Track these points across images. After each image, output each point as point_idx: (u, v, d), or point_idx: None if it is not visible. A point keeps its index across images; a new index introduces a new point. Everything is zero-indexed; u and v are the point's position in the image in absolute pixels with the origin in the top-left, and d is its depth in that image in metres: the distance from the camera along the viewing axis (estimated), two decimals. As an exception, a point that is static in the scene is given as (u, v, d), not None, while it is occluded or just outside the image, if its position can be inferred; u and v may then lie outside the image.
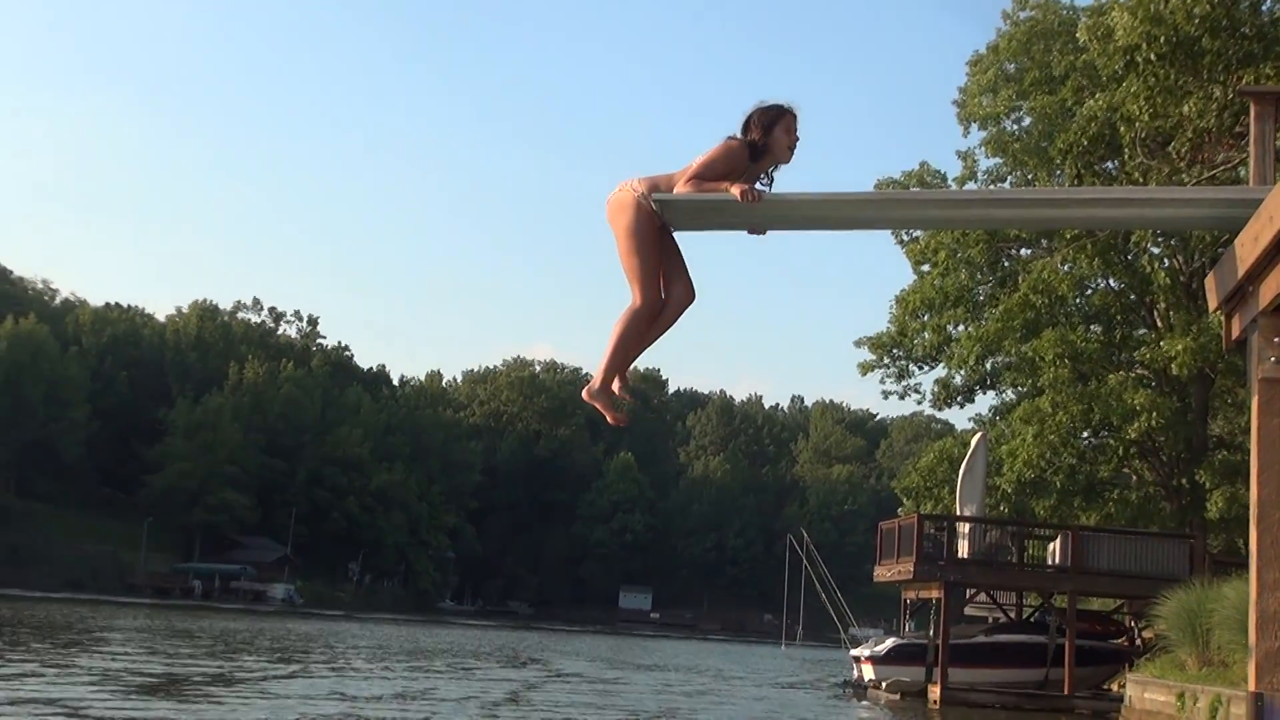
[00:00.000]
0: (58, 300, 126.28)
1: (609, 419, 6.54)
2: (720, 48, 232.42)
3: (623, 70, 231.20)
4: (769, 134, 5.91)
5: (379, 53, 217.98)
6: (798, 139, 5.94)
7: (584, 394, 6.32)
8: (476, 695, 22.19)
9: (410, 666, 30.18)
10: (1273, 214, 5.93)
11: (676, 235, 6.00)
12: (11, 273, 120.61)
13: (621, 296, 6.06)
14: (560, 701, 22.41)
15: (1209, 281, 7.31)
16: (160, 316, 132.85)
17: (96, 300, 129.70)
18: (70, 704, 15.05)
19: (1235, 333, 7.01)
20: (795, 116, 5.96)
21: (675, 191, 5.80)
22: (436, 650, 40.77)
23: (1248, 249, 6.33)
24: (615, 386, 6.26)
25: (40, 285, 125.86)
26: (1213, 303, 7.30)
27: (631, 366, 6.42)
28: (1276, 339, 6.35)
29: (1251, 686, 6.90)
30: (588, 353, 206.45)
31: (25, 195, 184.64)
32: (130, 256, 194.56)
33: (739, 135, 5.96)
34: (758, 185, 5.86)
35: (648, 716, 20.77)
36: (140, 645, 30.84)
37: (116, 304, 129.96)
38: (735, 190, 5.68)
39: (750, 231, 6.15)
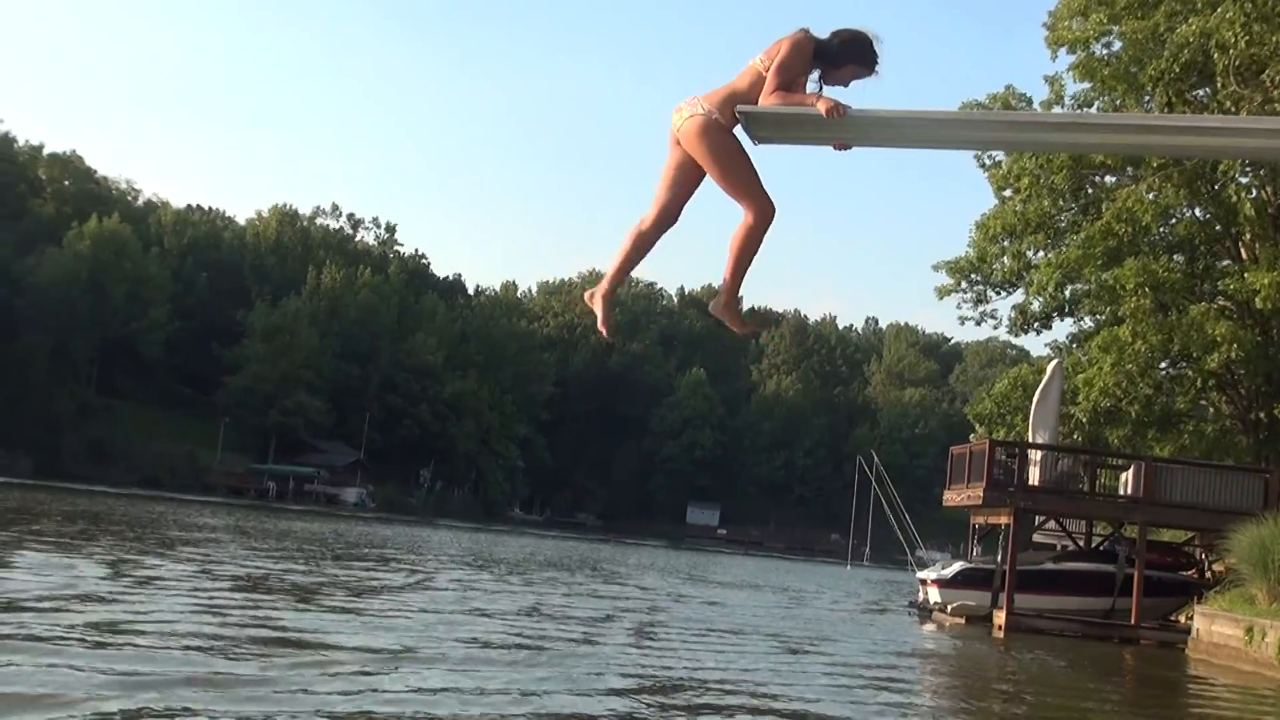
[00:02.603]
0: (141, 200, 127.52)
1: (738, 331, 6.43)
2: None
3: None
4: (840, 59, 5.81)
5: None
6: (875, 73, 5.84)
7: (711, 308, 6.23)
8: (614, 614, 22.46)
9: (523, 579, 30.55)
10: (1367, 145, 5.83)
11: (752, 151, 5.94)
12: (96, 172, 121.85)
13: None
14: (694, 618, 22.82)
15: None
16: (241, 220, 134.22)
17: (179, 202, 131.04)
18: (228, 609, 15.44)
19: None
20: (874, 50, 5.85)
21: (763, 102, 5.73)
22: (530, 562, 41.26)
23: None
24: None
25: (124, 185, 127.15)
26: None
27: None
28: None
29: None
30: (664, 269, 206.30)
31: (110, 98, 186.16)
32: (213, 159, 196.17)
33: (807, 30, 5.84)
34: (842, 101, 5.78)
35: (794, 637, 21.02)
36: (245, 545, 31.50)
37: (198, 206, 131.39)
38: (821, 106, 5.61)
39: (836, 147, 6.10)
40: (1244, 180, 33.59)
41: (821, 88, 5.84)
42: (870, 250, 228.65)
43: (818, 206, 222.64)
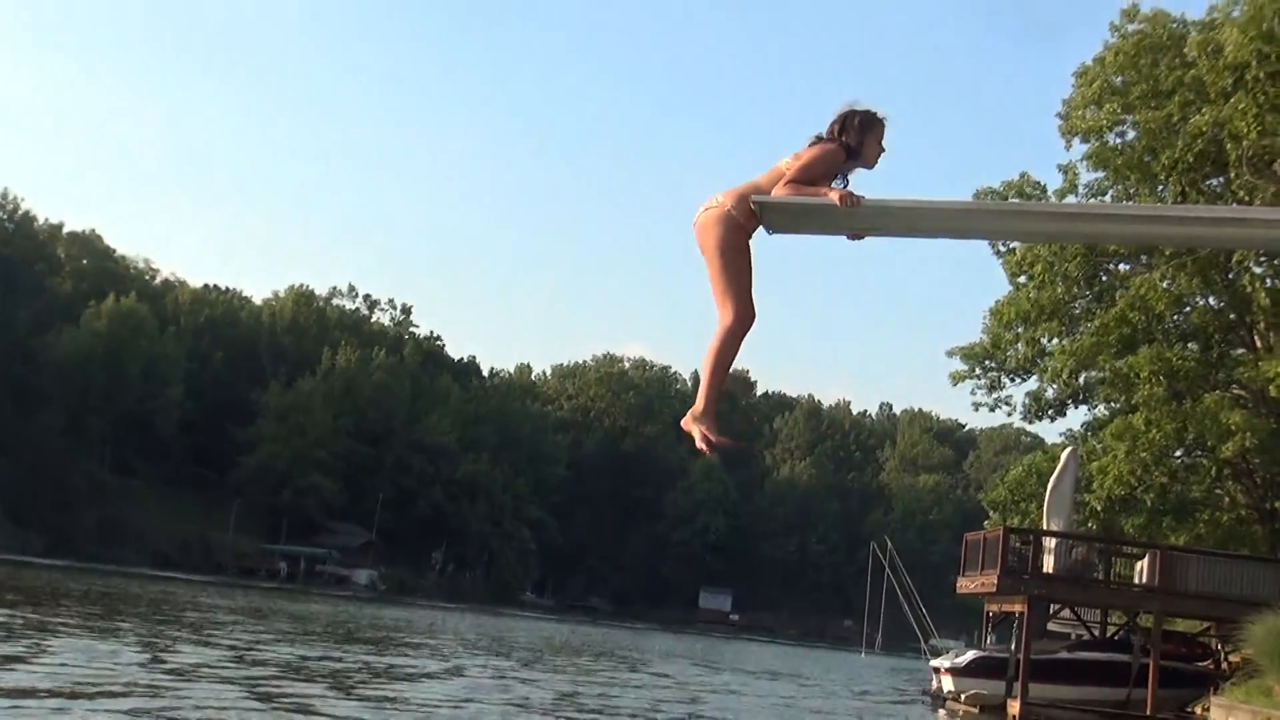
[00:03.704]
0: (158, 280, 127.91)
1: (713, 442, 6.36)
2: (815, 46, 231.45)
3: (717, 73, 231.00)
4: (863, 139, 5.94)
5: (481, 49, 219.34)
6: (884, 149, 5.97)
7: (687, 418, 6.20)
8: (655, 704, 22.52)
9: (550, 667, 30.55)
10: (1378, 238, 5.87)
11: (769, 243, 6.01)
12: (115, 251, 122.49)
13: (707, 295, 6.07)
14: (729, 707, 22.74)
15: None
16: (257, 300, 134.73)
17: (195, 281, 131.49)
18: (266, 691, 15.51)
19: (1336, 356, 6.94)
20: (883, 124, 5.99)
21: (776, 193, 5.81)
22: (551, 648, 41.23)
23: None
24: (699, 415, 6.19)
25: (142, 264, 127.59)
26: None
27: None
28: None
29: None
30: (679, 353, 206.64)
31: (131, 177, 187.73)
32: (230, 240, 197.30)
33: (827, 135, 5.97)
34: (842, 185, 5.87)
35: None
36: (270, 629, 31.52)
37: (215, 286, 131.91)
38: (834, 195, 5.68)
39: (850, 237, 6.16)
40: (1258, 270, 33.64)
41: (847, 182, 5.93)
42: (884, 336, 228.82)
43: (831, 291, 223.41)
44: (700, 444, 6.09)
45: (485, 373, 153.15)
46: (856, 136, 5.95)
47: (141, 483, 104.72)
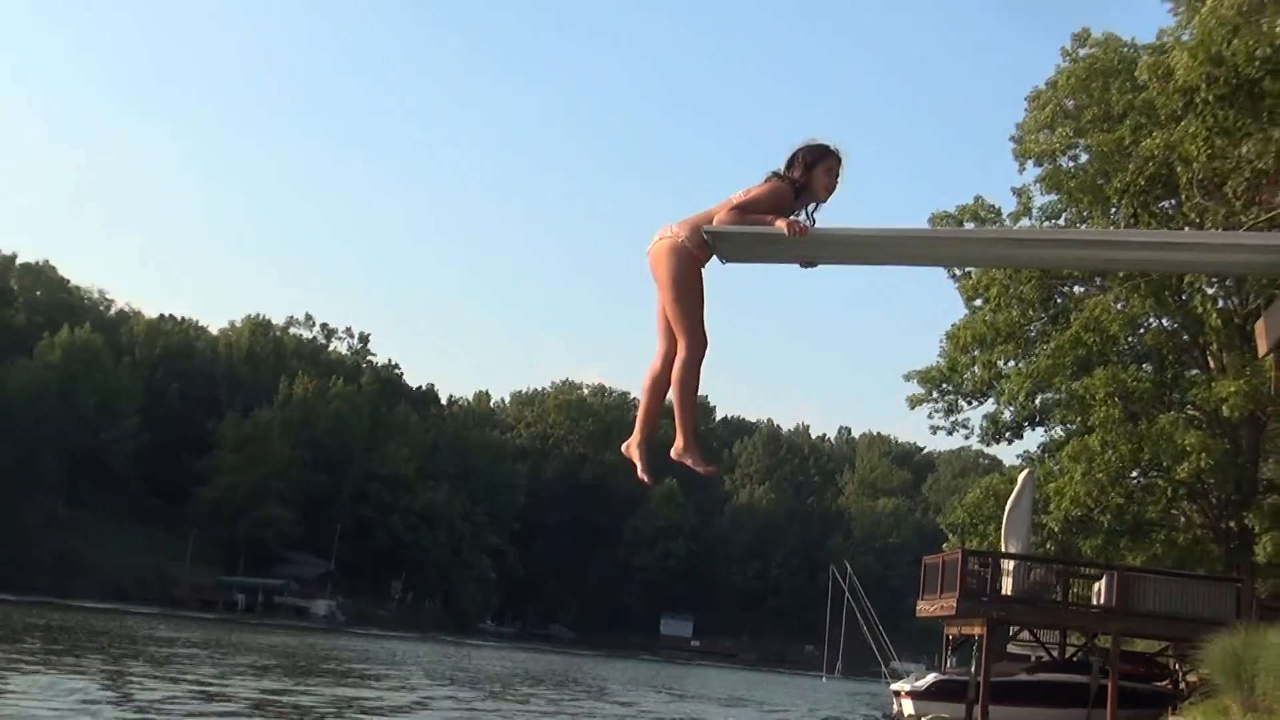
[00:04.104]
0: (113, 310, 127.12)
1: (702, 471, 6.47)
2: (776, 78, 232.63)
3: (672, 103, 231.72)
4: (809, 173, 5.99)
5: (437, 80, 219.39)
6: (837, 182, 6.02)
7: (673, 455, 6.31)
8: None
9: (518, 697, 30.42)
10: (1324, 262, 5.93)
11: (722, 271, 6.05)
12: (69, 282, 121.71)
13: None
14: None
15: (1258, 327, 7.33)
16: (213, 329, 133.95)
17: (151, 312, 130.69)
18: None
19: (1284, 378, 7.00)
20: (839, 159, 6.03)
21: (719, 220, 5.87)
22: (517, 677, 41.09)
23: (1298, 295, 6.33)
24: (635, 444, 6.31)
25: (96, 295, 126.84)
26: (1262, 348, 7.32)
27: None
28: (1325, 386, 6.34)
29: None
30: (638, 378, 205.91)
31: (85, 206, 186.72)
32: (185, 269, 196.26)
33: (782, 171, 6.03)
34: (802, 218, 5.93)
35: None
36: (233, 663, 31.27)
37: (170, 316, 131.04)
38: (781, 224, 5.75)
39: (802, 265, 6.19)
40: (1210, 290, 33.94)
41: (812, 219, 5.99)
42: (842, 360, 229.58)
43: (789, 316, 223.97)
44: (642, 474, 6.16)
45: (444, 401, 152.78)
46: (802, 172, 6.01)
47: (97, 516, 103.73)
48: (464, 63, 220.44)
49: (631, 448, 6.36)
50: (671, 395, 6.07)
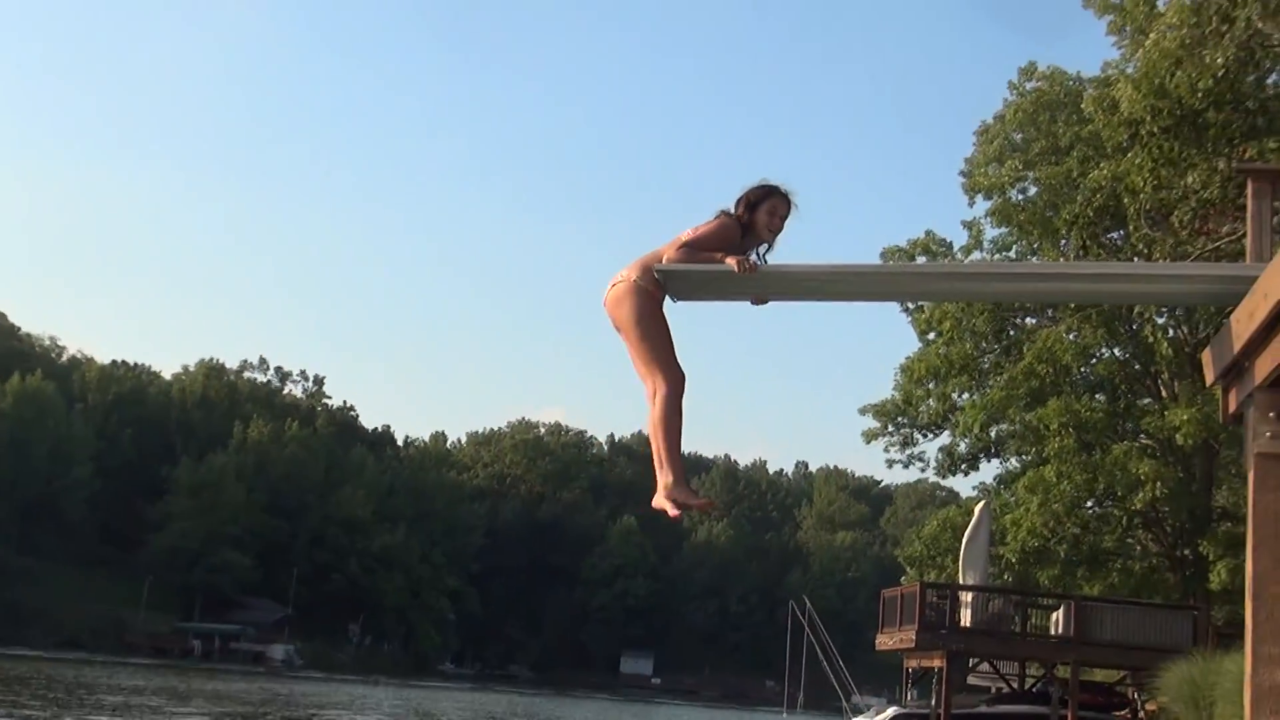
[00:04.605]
0: (65, 357, 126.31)
1: (696, 506, 6.25)
2: (730, 116, 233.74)
3: (628, 143, 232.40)
4: (753, 212, 6.03)
5: (389, 122, 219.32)
6: (781, 222, 6.03)
7: (664, 497, 6.09)
8: None
9: None
10: (1267, 291, 6.00)
11: (676, 309, 6.08)
12: (19, 329, 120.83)
13: (626, 359, 6.05)
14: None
15: (1206, 356, 7.38)
16: (166, 375, 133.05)
17: (103, 358, 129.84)
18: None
19: (1232, 407, 7.06)
20: (785, 199, 6.06)
21: (667, 259, 5.90)
22: (484, 719, 40.83)
23: (1243, 325, 6.40)
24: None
25: (48, 342, 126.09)
26: (1210, 377, 7.37)
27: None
28: (1271, 414, 6.41)
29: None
30: (595, 417, 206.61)
31: (35, 253, 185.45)
32: (138, 315, 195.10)
33: (731, 210, 6.07)
34: (753, 257, 5.96)
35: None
36: (193, 710, 30.95)
37: (123, 362, 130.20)
38: (731, 261, 5.78)
39: (753, 302, 6.23)
40: (1160, 320, 34.24)
41: (764, 260, 6.02)
42: (798, 395, 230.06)
43: (745, 352, 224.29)
44: (695, 502, 6.03)
45: (400, 442, 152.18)
46: (745, 210, 6.05)
47: (49, 564, 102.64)
48: (415, 105, 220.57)
49: (661, 495, 6.12)
50: (653, 434, 6.04)
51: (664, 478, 5.99)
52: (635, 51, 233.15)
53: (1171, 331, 34.26)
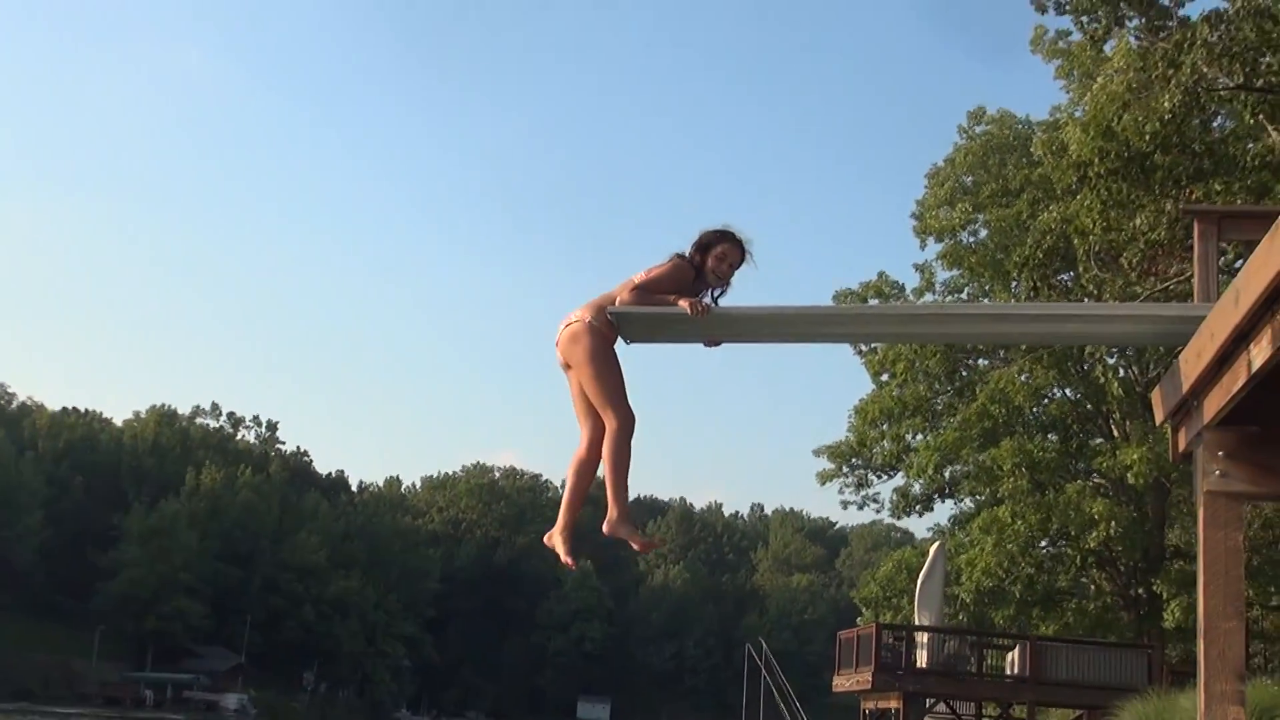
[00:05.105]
0: (14, 405, 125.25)
1: (636, 547, 6.50)
2: (691, 159, 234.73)
3: (582, 185, 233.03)
4: (703, 255, 6.06)
5: (341, 162, 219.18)
6: (729, 268, 6.06)
7: (606, 529, 6.32)
8: None
9: None
10: (1214, 331, 6.07)
11: (630, 351, 6.10)
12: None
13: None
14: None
15: (1155, 395, 7.45)
16: (118, 421, 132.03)
17: (54, 404, 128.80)
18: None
19: (1182, 445, 7.13)
20: (738, 246, 6.09)
21: (620, 301, 5.92)
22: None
23: (1191, 365, 6.47)
24: (561, 533, 6.34)
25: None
26: (1159, 416, 7.43)
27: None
28: (1220, 452, 6.47)
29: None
30: (550, 461, 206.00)
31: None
32: (88, 361, 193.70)
33: (685, 253, 6.10)
34: (706, 299, 5.98)
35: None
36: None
37: (74, 408, 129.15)
38: (684, 303, 5.80)
39: (707, 344, 6.25)
40: (1111, 360, 34.52)
41: (717, 302, 6.05)
42: (753, 437, 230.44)
43: (698, 395, 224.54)
44: (566, 559, 6.17)
45: (354, 487, 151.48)
46: (695, 253, 6.08)
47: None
48: (369, 148, 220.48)
49: (555, 536, 6.39)
50: (604, 470, 6.11)
51: (610, 511, 6.14)
52: (588, 96, 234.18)
53: (1122, 371, 34.57)
